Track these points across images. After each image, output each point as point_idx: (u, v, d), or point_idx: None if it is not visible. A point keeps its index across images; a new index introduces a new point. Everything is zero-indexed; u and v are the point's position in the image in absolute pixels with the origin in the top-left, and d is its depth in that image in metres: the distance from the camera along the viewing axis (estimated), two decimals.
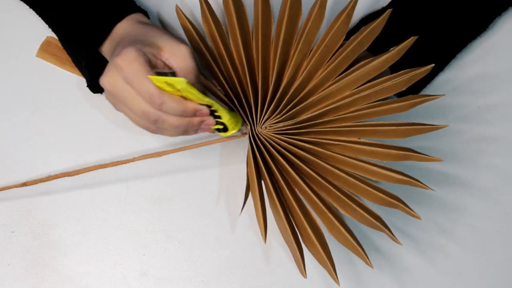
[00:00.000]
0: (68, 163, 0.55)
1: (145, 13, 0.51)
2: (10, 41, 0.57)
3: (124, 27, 0.48)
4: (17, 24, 0.57)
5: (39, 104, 0.56)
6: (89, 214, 0.54)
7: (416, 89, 0.55)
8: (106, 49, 0.49)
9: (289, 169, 0.47)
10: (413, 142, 0.51)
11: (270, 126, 0.48)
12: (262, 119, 0.48)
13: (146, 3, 0.57)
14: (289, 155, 0.47)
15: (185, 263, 0.54)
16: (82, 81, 0.55)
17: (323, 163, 0.47)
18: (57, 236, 0.54)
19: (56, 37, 0.54)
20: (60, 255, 0.53)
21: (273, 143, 0.48)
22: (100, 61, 0.50)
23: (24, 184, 0.50)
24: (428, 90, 0.58)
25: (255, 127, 0.49)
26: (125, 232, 0.54)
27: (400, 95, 0.53)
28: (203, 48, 0.50)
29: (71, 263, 0.53)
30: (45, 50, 0.56)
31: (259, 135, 0.48)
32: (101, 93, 0.53)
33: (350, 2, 0.47)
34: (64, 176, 0.50)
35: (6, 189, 0.51)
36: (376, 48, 0.49)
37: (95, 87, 0.52)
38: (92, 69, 0.50)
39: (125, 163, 0.49)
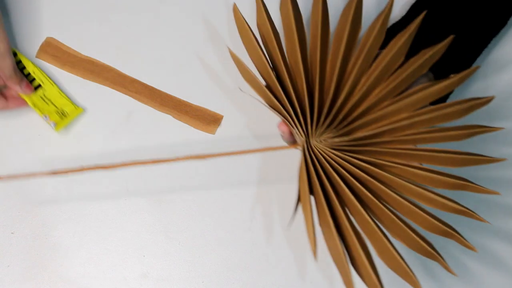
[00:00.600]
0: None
1: None
2: (10, 41, 0.56)
3: None
4: (17, 25, 0.56)
5: None
6: (89, 215, 0.54)
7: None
8: None
9: (344, 187, 0.45)
10: (469, 170, 0.50)
11: (325, 140, 0.46)
12: (318, 132, 0.46)
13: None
14: (344, 172, 0.45)
15: (185, 265, 0.54)
16: (86, 82, 0.55)
17: (380, 185, 0.45)
18: (57, 237, 0.54)
19: (55, 38, 0.54)
20: (60, 256, 0.53)
21: (328, 158, 0.46)
22: None
23: (54, 173, 0.48)
24: (486, 116, 0.56)
25: (310, 139, 0.47)
26: (125, 233, 0.54)
27: (437, 75, 0.51)
28: (259, 49, 0.47)
29: (71, 264, 0.53)
30: (44, 50, 0.55)
31: (314, 148, 0.46)
32: None
33: (412, 24, 0.47)
34: (97, 169, 0.48)
35: (33, 176, 0.48)
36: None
37: None
38: None
39: (167, 162, 0.47)
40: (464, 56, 0.55)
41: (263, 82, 0.48)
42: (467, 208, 0.45)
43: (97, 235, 0.54)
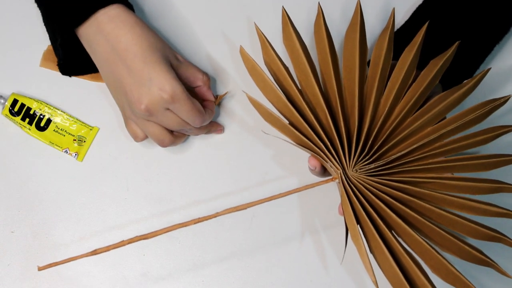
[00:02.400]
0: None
1: (130, 6, 0.50)
2: (11, 53, 0.56)
3: (110, 17, 0.47)
4: (17, 35, 0.56)
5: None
6: (89, 214, 0.54)
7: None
8: (84, 32, 0.49)
9: (389, 211, 0.45)
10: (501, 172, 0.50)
11: (360, 169, 0.46)
12: (352, 162, 0.46)
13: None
14: (385, 196, 0.45)
15: (185, 264, 0.54)
16: (89, 100, 0.56)
17: (421, 202, 0.45)
18: (57, 236, 0.54)
19: None
20: (60, 255, 0.53)
21: (367, 185, 0.46)
22: (75, 41, 0.50)
23: (94, 252, 0.47)
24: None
25: (347, 170, 0.46)
26: (125, 232, 0.54)
27: (443, 82, 0.51)
28: (275, 88, 0.47)
29: (71, 263, 0.52)
30: (47, 58, 0.55)
31: (352, 179, 0.46)
32: (70, 76, 0.55)
33: (417, 36, 0.47)
34: (139, 240, 0.46)
35: (75, 259, 0.47)
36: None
37: (65, 69, 0.54)
38: (66, 48, 0.51)
39: (209, 218, 0.46)
40: (468, 63, 0.56)
41: (286, 121, 0.47)
42: (509, 210, 0.46)
43: (97, 234, 0.54)
